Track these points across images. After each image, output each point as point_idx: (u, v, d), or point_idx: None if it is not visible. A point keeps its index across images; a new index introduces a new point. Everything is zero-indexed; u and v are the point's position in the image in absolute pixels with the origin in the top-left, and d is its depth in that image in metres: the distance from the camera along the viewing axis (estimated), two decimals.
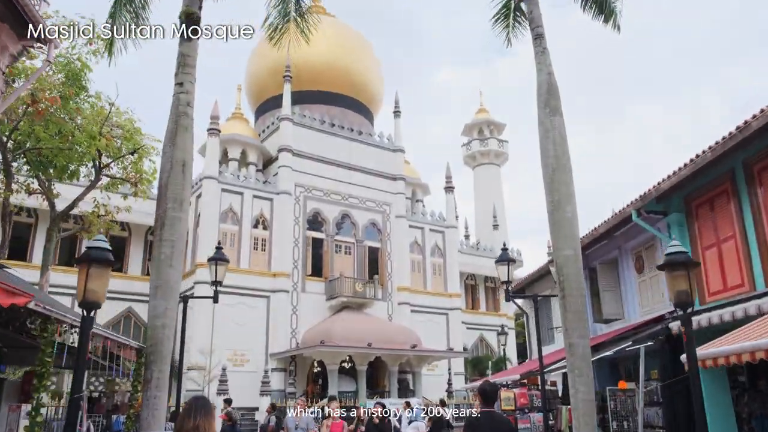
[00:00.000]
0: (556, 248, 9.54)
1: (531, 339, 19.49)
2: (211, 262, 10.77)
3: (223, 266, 10.87)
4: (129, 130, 15.70)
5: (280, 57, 34.99)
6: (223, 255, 10.81)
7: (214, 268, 10.71)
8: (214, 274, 10.70)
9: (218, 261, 10.69)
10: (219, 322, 28.18)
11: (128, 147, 16.07)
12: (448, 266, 37.31)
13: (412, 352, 28.82)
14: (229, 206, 30.17)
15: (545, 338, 18.80)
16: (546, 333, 18.76)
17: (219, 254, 10.77)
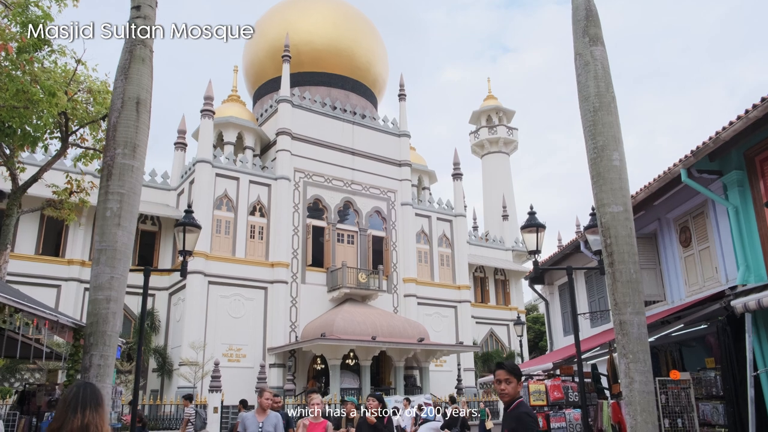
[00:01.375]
0: (601, 204, 7.65)
1: (552, 329, 17.63)
2: (178, 229, 8.96)
3: (193, 234, 9.06)
4: (100, 90, 13.84)
5: (280, 37, 33.33)
6: (193, 220, 8.99)
7: (181, 235, 8.90)
8: (182, 243, 8.90)
9: (187, 227, 8.88)
10: (213, 315, 26.45)
11: (99, 111, 14.23)
12: (456, 257, 35.44)
13: (420, 346, 26.99)
14: (224, 192, 28.39)
15: (568, 327, 16.94)
16: (568, 321, 16.88)
17: (188, 219, 8.95)
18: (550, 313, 17.89)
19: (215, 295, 26.77)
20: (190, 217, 9.03)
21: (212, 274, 26.81)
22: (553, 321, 17.70)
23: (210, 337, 25.98)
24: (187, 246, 8.90)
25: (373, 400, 5.45)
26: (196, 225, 8.95)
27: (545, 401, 9.61)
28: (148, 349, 26.29)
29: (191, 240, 8.99)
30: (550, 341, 17.64)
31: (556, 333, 17.51)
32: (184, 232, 8.84)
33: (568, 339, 16.56)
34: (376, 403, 5.41)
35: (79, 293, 27.22)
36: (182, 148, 32.63)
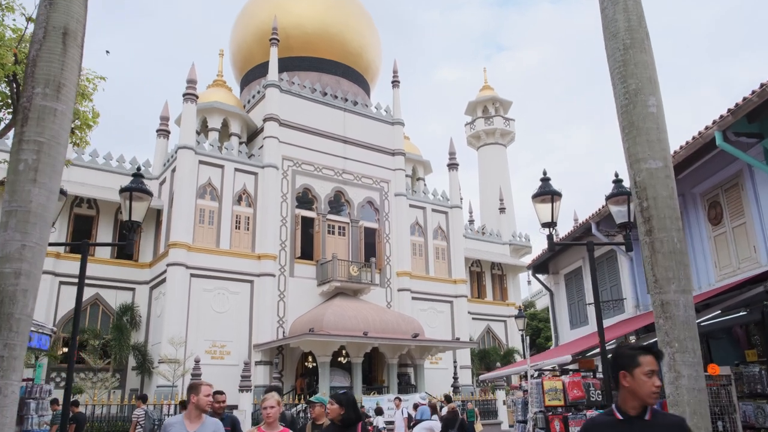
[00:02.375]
0: (635, 160, 6.25)
1: (558, 322, 16.25)
2: (124, 195, 7.48)
3: (143, 202, 7.59)
4: None
5: (268, 20, 31.86)
6: (141, 185, 7.52)
7: (127, 203, 7.42)
8: (128, 212, 7.43)
9: (133, 192, 7.41)
10: (195, 309, 24.97)
11: None
12: (452, 250, 34.05)
13: (414, 342, 25.59)
14: (207, 180, 26.89)
15: (576, 319, 15.56)
16: (577, 313, 15.51)
17: (136, 184, 7.48)
18: (555, 304, 16.51)
19: (198, 289, 25.29)
20: (138, 181, 7.56)
21: (195, 267, 25.32)
22: (559, 313, 16.32)
23: (192, 332, 24.50)
24: (134, 216, 7.44)
25: (331, 402, 4.05)
26: (145, 191, 7.48)
27: (562, 401, 8.21)
28: (126, 346, 24.78)
29: (139, 209, 7.53)
30: (555, 336, 16.27)
31: (562, 326, 16.13)
32: (130, 199, 7.38)
33: (575, 332, 15.19)
34: (335, 407, 4.01)
35: (54, 286, 25.72)
36: (165, 135, 31.09)
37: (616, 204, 8.01)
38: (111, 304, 26.61)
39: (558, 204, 7.79)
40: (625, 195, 7.89)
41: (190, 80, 27.54)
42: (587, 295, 14.76)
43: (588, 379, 8.49)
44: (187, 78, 27.60)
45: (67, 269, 26.08)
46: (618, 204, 8.00)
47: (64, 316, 25.80)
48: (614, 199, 8.00)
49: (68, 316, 25.89)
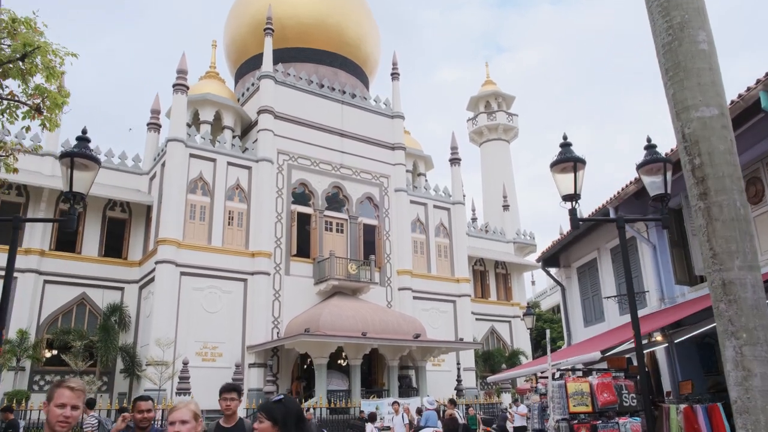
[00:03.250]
0: (684, 107, 5.05)
1: (571, 319, 15.02)
2: (65, 161, 6.29)
3: (88, 172, 6.41)
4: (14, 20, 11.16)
5: (262, 10, 30.76)
6: (86, 150, 6.32)
7: (67, 170, 6.24)
8: (68, 182, 6.26)
9: (75, 159, 6.22)
10: (185, 309, 23.79)
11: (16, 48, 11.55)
12: (455, 247, 32.82)
13: (415, 343, 24.37)
14: (199, 174, 25.72)
15: (590, 316, 14.33)
16: (592, 309, 14.28)
17: (81, 149, 6.28)
18: (567, 300, 15.29)
19: (188, 288, 24.09)
20: (84, 146, 6.37)
21: (185, 264, 24.13)
22: (572, 310, 15.10)
23: (182, 333, 23.31)
24: (79, 187, 6.27)
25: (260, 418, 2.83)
26: (90, 156, 6.29)
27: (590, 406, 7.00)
28: (113, 348, 23.58)
29: (84, 180, 6.35)
30: (568, 334, 15.04)
31: (576, 324, 14.91)
32: (71, 166, 6.19)
33: (590, 330, 13.97)
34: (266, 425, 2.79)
35: (38, 285, 24.55)
36: (155, 129, 29.94)
37: (649, 173, 6.81)
38: (99, 304, 25.42)
39: (581, 173, 6.59)
40: (661, 162, 6.69)
41: (181, 70, 26.39)
42: (604, 289, 13.54)
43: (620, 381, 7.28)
44: (177, 68, 26.45)
45: (52, 267, 24.96)
46: (652, 173, 6.80)
47: (49, 316, 24.63)
48: (647, 168, 6.80)
49: (53, 316, 24.74)
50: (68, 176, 6.11)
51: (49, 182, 24.82)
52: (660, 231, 11.03)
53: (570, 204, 6.55)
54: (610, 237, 13.20)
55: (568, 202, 6.57)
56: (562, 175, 6.69)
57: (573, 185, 6.51)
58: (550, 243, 15.55)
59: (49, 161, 25.83)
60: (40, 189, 25.03)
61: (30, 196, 25.27)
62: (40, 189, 25.03)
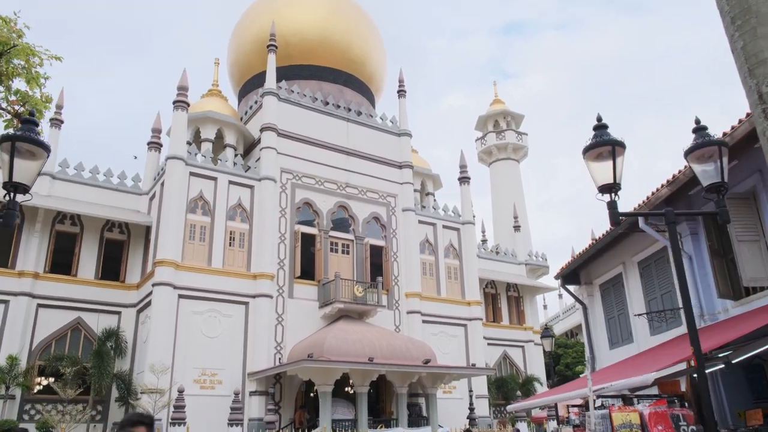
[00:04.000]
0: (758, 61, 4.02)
1: (594, 342, 13.79)
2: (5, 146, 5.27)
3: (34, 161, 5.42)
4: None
5: (266, 28, 30.21)
6: (31, 133, 5.31)
7: (7, 158, 5.24)
8: (8, 172, 5.26)
9: (17, 143, 5.21)
10: (183, 334, 22.66)
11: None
12: (465, 269, 31.62)
13: (426, 369, 23.09)
14: (199, 193, 24.82)
15: (616, 337, 13.12)
16: (618, 329, 13.07)
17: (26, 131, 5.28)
18: (589, 320, 14.08)
19: (187, 311, 23.00)
20: (30, 129, 5.39)
21: (183, 287, 23.08)
22: (595, 330, 13.89)
23: (179, 359, 22.16)
24: (22, 177, 5.28)
25: None
26: (38, 142, 5.31)
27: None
28: (107, 375, 22.44)
29: (28, 170, 5.36)
30: (591, 357, 13.80)
31: (600, 347, 13.69)
32: (11, 152, 5.20)
33: (617, 353, 12.75)
34: None
35: (31, 309, 23.56)
36: (156, 148, 29.19)
37: (700, 160, 5.74)
38: (94, 328, 24.36)
39: (621, 159, 5.54)
40: (715, 146, 5.64)
41: (181, 87, 25.69)
42: (631, 307, 12.35)
43: (676, 410, 6.13)
44: (177, 85, 25.76)
45: (46, 290, 24.02)
46: (704, 160, 5.73)
47: (42, 342, 23.59)
48: (698, 154, 5.74)
49: (46, 342, 23.69)
50: (8, 164, 5.11)
51: (45, 202, 24.00)
52: (696, 239, 9.92)
53: (608, 196, 5.49)
54: (637, 249, 12.08)
55: (606, 193, 5.50)
56: (597, 163, 5.64)
57: (611, 173, 5.45)
58: (569, 258, 14.41)
59: (46, 181, 25.06)
60: (36, 209, 24.19)
61: (25, 217, 24.42)
62: (36, 209, 24.19)
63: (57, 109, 26.78)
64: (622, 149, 5.54)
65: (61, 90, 27.42)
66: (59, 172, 25.76)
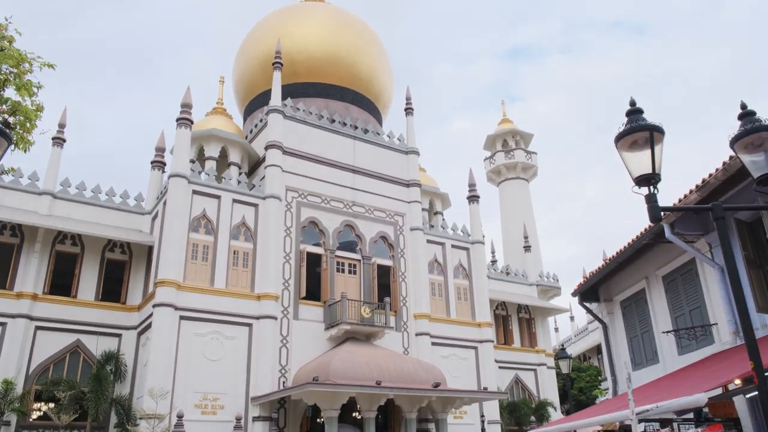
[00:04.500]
0: None
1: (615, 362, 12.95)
2: None
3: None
4: None
5: (271, 47, 29.92)
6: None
7: None
8: None
9: None
10: (184, 356, 21.90)
11: None
12: (475, 289, 30.79)
13: (435, 393, 22.17)
14: (202, 212, 24.25)
15: (640, 357, 12.29)
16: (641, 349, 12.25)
17: None
18: (610, 340, 13.25)
19: (188, 333, 22.27)
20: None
21: (185, 308, 22.38)
22: (616, 351, 13.06)
23: (180, 383, 21.37)
24: None
25: None
26: None
27: None
28: (105, 400, 21.64)
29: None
30: (613, 380, 12.94)
31: (621, 368, 12.84)
32: None
33: (641, 374, 11.91)
34: None
35: (29, 332, 22.90)
36: (160, 167, 28.75)
37: (749, 150, 5.04)
38: (94, 351, 23.65)
39: (660, 147, 4.86)
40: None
41: (185, 104, 25.29)
42: (656, 325, 11.55)
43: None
44: (181, 102, 25.37)
45: (45, 312, 23.39)
46: (753, 150, 5.03)
47: (39, 365, 22.87)
48: (747, 141, 5.05)
49: (44, 365, 22.98)
50: None
51: (45, 222, 23.51)
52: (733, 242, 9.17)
53: (646, 189, 4.80)
54: (662, 262, 11.33)
55: (644, 186, 4.82)
56: (632, 153, 4.97)
57: (650, 163, 4.77)
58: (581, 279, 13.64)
59: (46, 200, 24.62)
60: (35, 229, 23.69)
61: (24, 237, 23.91)
62: (35, 229, 23.69)
63: (59, 127, 26.45)
64: (661, 135, 4.88)
65: (64, 109, 27.13)
66: (60, 191, 25.29)
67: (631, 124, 4.92)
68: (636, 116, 4.97)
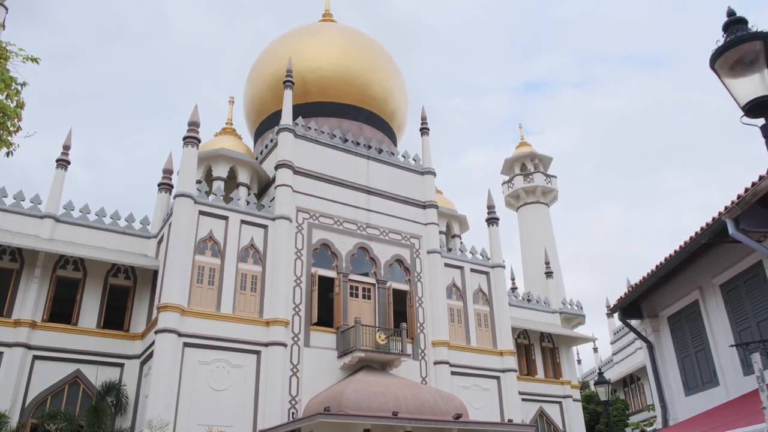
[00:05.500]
0: None
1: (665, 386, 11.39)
2: None
3: None
4: None
5: (283, 67, 29.19)
6: None
7: None
8: None
9: None
10: (188, 386, 20.52)
11: None
12: (496, 315, 29.20)
13: (458, 425, 20.50)
14: (208, 233, 23.13)
15: (694, 380, 10.76)
16: (696, 370, 10.72)
17: None
18: (656, 360, 11.72)
19: (192, 361, 20.92)
20: None
21: (189, 334, 21.09)
22: (665, 373, 11.51)
23: (182, 415, 19.94)
24: None
25: None
26: None
27: None
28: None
29: None
30: (662, 406, 11.36)
31: (672, 392, 11.29)
32: None
33: (695, 400, 10.36)
34: None
35: (26, 361, 21.68)
36: (167, 189, 27.80)
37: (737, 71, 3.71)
38: (94, 382, 22.34)
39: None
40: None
41: (192, 122, 24.43)
42: (714, 342, 10.06)
43: None
44: (188, 120, 24.52)
45: (43, 341, 22.22)
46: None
47: (37, 397, 21.59)
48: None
49: (42, 397, 21.69)
50: None
51: (47, 246, 22.51)
52: None
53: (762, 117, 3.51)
54: (719, 269, 9.91)
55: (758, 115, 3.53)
56: (734, 78, 3.69)
57: (763, 83, 3.49)
58: (627, 288, 12.18)
59: (48, 224, 23.68)
60: (36, 253, 22.67)
61: (24, 261, 22.89)
62: (36, 253, 22.67)
63: (64, 149, 25.70)
64: None
65: (69, 131, 26.40)
66: (63, 214, 24.35)
67: (733, 37, 3.65)
68: (739, 26, 3.71)
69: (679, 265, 10.66)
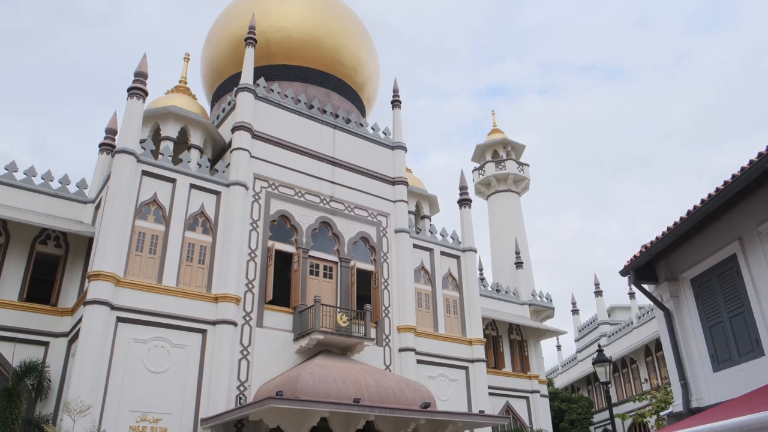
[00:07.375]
0: None
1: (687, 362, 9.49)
2: None
3: None
4: None
5: (245, 26, 26.69)
6: None
7: None
8: None
9: None
10: (120, 367, 17.88)
11: None
12: (466, 302, 27.27)
13: (425, 415, 18.41)
14: (152, 196, 20.50)
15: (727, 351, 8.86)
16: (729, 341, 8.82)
17: None
18: (676, 330, 9.81)
19: (126, 338, 18.29)
20: None
21: (124, 307, 18.44)
22: (686, 346, 9.61)
23: (112, 399, 17.32)
24: None
25: None
26: None
27: None
28: (13, 421, 17.40)
29: None
30: (683, 385, 9.46)
31: (694, 368, 9.40)
32: None
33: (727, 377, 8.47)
34: None
35: None
36: (108, 150, 25.00)
37: None
38: (8, 358, 19.46)
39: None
40: None
41: (139, 72, 21.71)
42: (758, 303, 8.15)
43: None
44: (135, 70, 21.82)
45: None
46: None
47: None
48: None
49: None
50: None
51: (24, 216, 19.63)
52: None
53: None
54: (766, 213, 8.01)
55: None
56: None
57: None
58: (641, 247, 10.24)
59: None
60: None
61: None
62: None
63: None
64: None
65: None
66: None
67: None
68: None
69: (709, 216, 8.77)
